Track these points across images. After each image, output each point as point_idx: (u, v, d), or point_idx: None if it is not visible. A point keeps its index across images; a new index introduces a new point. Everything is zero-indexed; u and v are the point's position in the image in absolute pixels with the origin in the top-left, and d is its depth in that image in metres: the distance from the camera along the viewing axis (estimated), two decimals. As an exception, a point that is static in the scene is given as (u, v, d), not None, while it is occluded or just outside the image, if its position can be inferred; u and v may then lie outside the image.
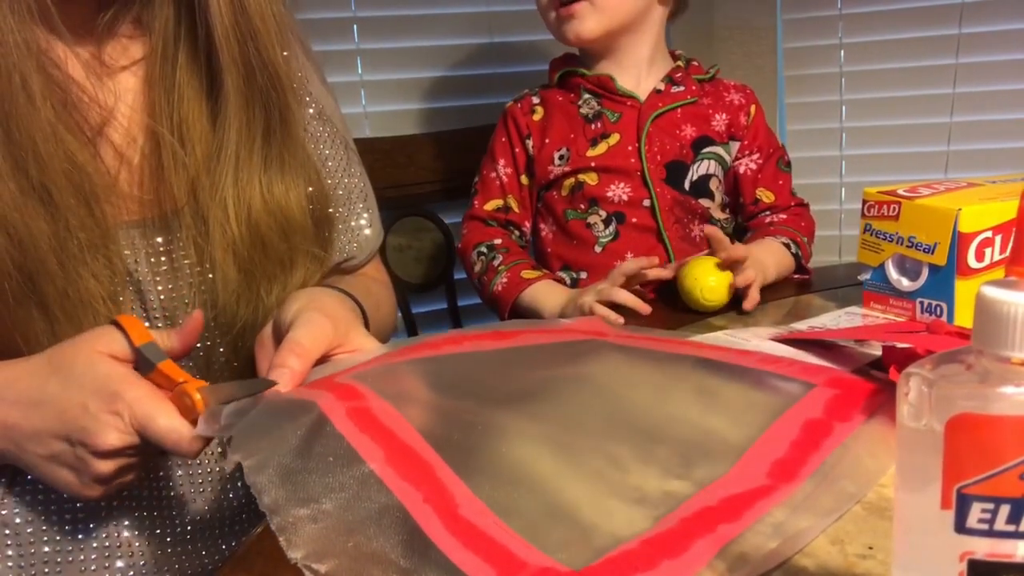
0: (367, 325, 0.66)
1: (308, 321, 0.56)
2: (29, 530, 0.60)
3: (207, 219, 0.63)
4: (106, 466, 0.51)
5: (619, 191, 1.01)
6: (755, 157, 1.06)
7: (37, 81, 0.55)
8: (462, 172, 1.28)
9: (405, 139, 1.28)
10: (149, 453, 0.53)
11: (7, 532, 0.60)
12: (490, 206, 1.05)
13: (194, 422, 0.50)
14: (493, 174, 1.06)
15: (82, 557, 0.61)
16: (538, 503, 0.45)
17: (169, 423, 0.50)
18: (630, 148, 1.02)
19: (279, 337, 0.58)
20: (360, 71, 1.32)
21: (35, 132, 0.55)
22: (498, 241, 1.02)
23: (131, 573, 0.62)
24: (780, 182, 1.06)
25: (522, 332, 0.68)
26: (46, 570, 0.60)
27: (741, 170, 1.06)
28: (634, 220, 1.01)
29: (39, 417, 0.51)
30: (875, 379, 0.58)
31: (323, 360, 0.57)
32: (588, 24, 1.00)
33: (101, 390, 0.50)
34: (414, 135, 1.29)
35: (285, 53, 0.64)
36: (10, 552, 0.60)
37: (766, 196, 1.06)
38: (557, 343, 0.66)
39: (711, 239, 0.87)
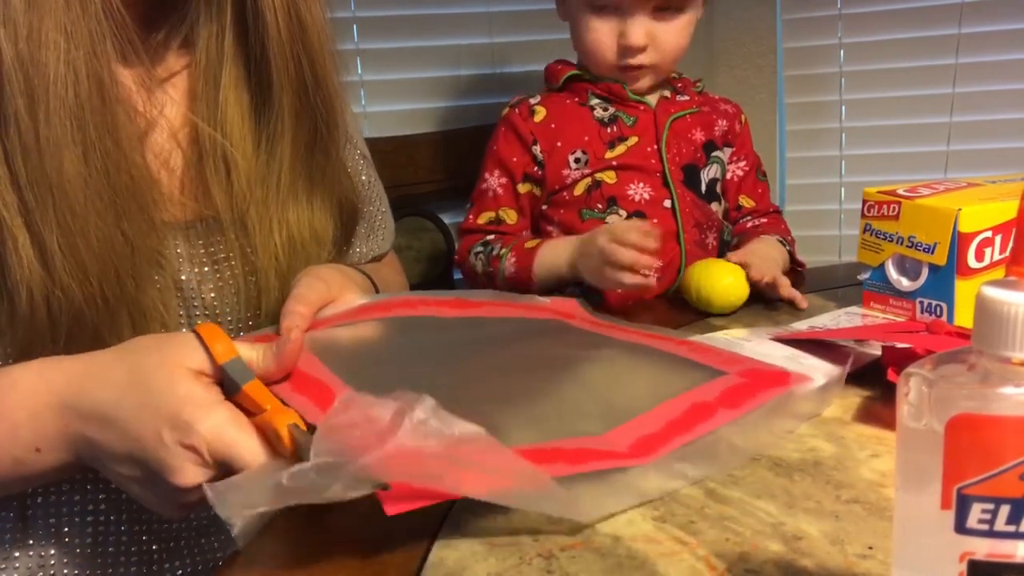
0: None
1: (307, 284, 0.61)
2: (52, 520, 0.60)
3: (250, 228, 0.64)
4: (189, 497, 0.48)
5: (640, 190, 1.01)
6: (742, 164, 1.10)
7: (116, 88, 0.57)
8: (462, 172, 1.28)
9: (405, 139, 1.28)
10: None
11: (28, 521, 0.60)
12: (483, 219, 1.04)
13: (287, 453, 0.46)
14: (485, 186, 1.05)
15: (100, 550, 0.62)
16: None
17: (252, 458, 0.46)
18: (649, 149, 1.02)
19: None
20: (360, 71, 1.32)
21: (116, 137, 0.56)
22: (490, 238, 1.02)
23: (146, 567, 0.63)
24: (760, 191, 1.11)
25: (488, 304, 0.69)
26: (65, 560, 0.61)
27: (728, 175, 1.09)
28: (655, 221, 0.99)
29: (115, 437, 0.48)
30: (791, 374, 0.60)
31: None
32: (647, 82, 1.04)
33: (175, 419, 0.46)
34: (414, 135, 1.29)
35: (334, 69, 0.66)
36: (31, 541, 0.60)
37: (747, 202, 1.10)
38: (519, 319, 0.68)
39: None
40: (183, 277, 0.64)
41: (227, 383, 0.49)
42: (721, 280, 0.84)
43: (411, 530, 0.46)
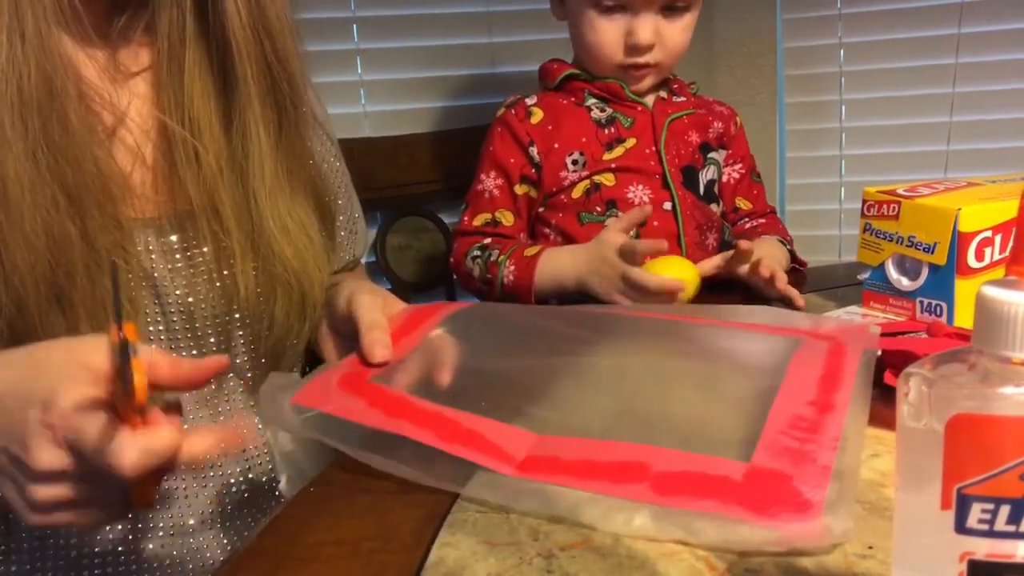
0: None
1: (370, 305, 0.64)
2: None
3: (221, 211, 0.64)
4: (41, 492, 0.44)
5: (639, 192, 0.99)
6: (738, 167, 1.10)
7: (67, 83, 0.57)
8: (462, 172, 1.27)
9: (405, 139, 1.28)
10: (105, 486, 0.45)
11: (22, 524, 0.60)
12: (479, 220, 1.02)
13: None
14: (481, 187, 1.03)
15: (86, 551, 0.61)
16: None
17: (98, 436, 0.41)
18: (648, 151, 1.01)
19: (337, 326, 0.69)
20: (360, 71, 1.32)
21: (68, 133, 0.56)
22: (488, 241, 1.00)
23: (135, 567, 0.63)
24: (755, 192, 1.11)
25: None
26: (61, 563, 0.61)
27: (725, 178, 1.09)
28: (655, 223, 0.99)
29: (2, 421, 0.45)
30: (808, 513, 0.44)
31: None
32: (649, 82, 1.04)
33: (45, 398, 0.43)
34: (414, 135, 1.29)
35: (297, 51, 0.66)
36: (25, 545, 0.60)
37: (744, 204, 1.10)
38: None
39: (742, 253, 0.87)
40: (155, 275, 0.63)
41: (123, 365, 0.43)
42: (671, 273, 0.85)
43: (411, 530, 0.46)
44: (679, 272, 0.85)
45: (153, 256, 0.63)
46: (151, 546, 0.63)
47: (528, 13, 1.37)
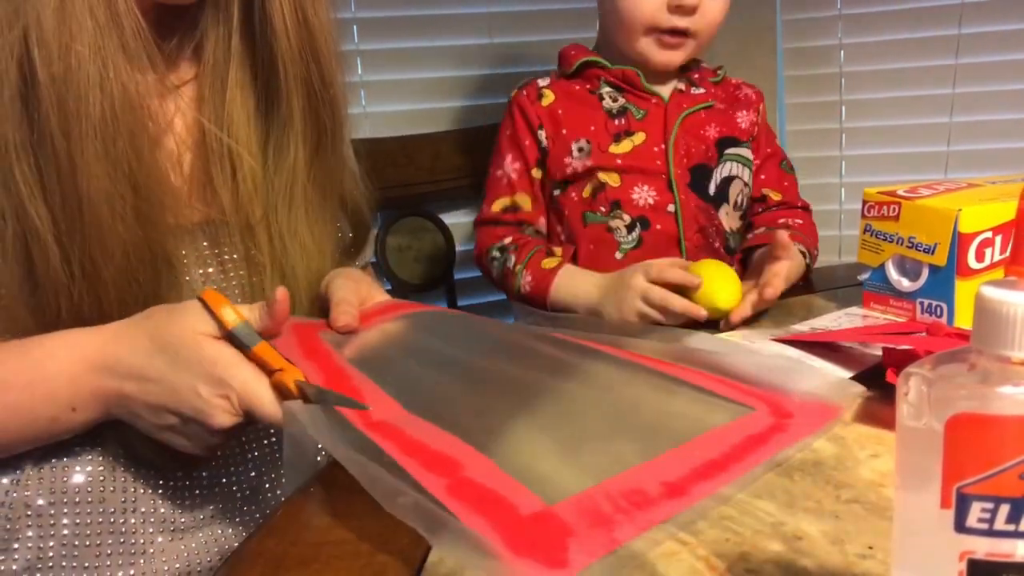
0: None
1: (343, 287, 0.67)
2: (51, 512, 0.61)
3: (256, 227, 0.66)
4: (217, 439, 0.57)
5: (644, 194, 0.97)
6: (766, 151, 1.06)
7: (134, 104, 0.59)
8: (462, 172, 1.28)
9: (405, 139, 1.28)
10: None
11: (28, 513, 0.61)
12: (497, 206, 1.00)
13: None
14: (500, 172, 1.01)
15: (99, 542, 0.62)
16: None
17: (274, 410, 0.55)
18: (656, 149, 0.98)
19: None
20: (360, 71, 1.32)
21: (132, 152, 0.58)
22: (508, 240, 0.98)
23: (142, 560, 0.63)
24: (786, 183, 1.07)
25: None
26: (63, 552, 0.61)
27: (755, 168, 1.05)
28: (658, 226, 0.97)
29: (152, 393, 0.56)
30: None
31: None
32: (683, 55, 0.99)
33: (210, 375, 0.54)
34: (414, 135, 1.29)
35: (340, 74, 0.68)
36: (30, 533, 0.61)
37: (774, 195, 1.05)
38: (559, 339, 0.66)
39: (780, 247, 0.83)
40: (186, 278, 0.65)
41: (235, 344, 0.56)
42: (729, 287, 0.81)
43: (411, 530, 0.46)
44: (721, 284, 0.80)
45: (186, 262, 0.65)
46: (165, 540, 0.64)
47: (528, 14, 1.37)
